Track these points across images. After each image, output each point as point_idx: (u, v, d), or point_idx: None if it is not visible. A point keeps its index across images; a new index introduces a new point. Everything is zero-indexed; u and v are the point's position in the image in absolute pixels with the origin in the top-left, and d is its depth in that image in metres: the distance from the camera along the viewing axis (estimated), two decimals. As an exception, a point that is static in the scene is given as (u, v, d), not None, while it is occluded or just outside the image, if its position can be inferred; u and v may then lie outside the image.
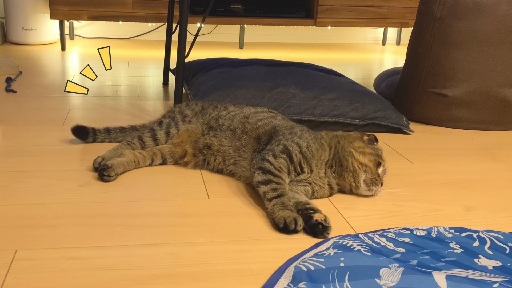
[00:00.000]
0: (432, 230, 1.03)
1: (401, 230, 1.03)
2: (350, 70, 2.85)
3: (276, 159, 1.14)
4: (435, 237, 1.01)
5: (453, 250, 0.96)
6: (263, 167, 1.13)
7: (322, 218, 1.02)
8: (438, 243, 0.98)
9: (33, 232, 0.97)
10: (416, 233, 1.02)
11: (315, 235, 1.01)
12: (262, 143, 1.23)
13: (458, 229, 1.04)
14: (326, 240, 0.99)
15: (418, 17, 1.87)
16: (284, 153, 1.15)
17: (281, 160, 1.14)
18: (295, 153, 1.16)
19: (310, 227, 1.01)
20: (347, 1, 3.11)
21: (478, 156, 1.54)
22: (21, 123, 1.61)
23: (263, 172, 1.12)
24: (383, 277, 0.83)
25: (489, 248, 0.96)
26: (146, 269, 0.87)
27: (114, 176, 1.22)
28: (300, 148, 1.17)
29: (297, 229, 1.01)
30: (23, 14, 2.99)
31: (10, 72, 2.26)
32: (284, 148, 1.17)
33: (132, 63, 2.74)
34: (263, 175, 1.12)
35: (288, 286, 0.82)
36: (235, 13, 3.07)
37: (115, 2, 2.88)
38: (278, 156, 1.15)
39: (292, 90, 1.71)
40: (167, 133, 1.35)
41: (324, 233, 1.00)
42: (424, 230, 1.03)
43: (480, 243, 0.98)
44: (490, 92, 1.77)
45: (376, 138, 1.25)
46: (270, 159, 1.14)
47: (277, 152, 1.16)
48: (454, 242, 0.99)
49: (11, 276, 0.83)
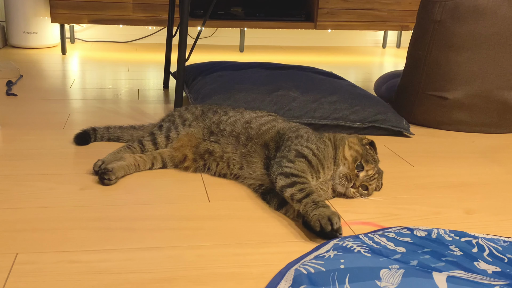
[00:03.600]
0: (433, 231, 1.03)
1: (402, 230, 1.03)
2: (350, 73, 2.85)
3: (294, 163, 1.14)
4: (435, 239, 1.01)
5: (453, 252, 0.96)
6: (284, 171, 1.12)
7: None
8: (438, 244, 0.99)
9: (33, 235, 0.97)
10: (417, 233, 1.02)
11: (328, 238, 1.00)
12: (272, 150, 1.23)
13: (458, 233, 1.04)
14: (326, 242, 0.98)
15: (418, 20, 1.87)
16: (299, 156, 1.15)
17: (299, 163, 1.14)
18: (310, 156, 1.16)
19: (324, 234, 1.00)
20: (347, 4, 3.12)
21: (478, 159, 1.54)
22: (21, 127, 1.61)
23: (285, 176, 1.11)
24: (384, 279, 0.83)
25: (487, 255, 0.96)
26: (147, 272, 0.87)
27: (114, 180, 1.22)
28: (312, 151, 1.18)
29: (334, 228, 0.98)
30: (23, 18, 3.00)
31: (10, 75, 2.26)
32: (297, 153, 1.17)
33: (132, 66, 2.74)
34: (286, 179, 1.10)
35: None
36: (236, 16, 3.07)
37: (116, 5, 2.89)
38: (294, 161, 1.14)
39: (293, 93, 1.71)
40: (167, 137, 1.36)
41: (337, 234, 1.00)
42: (424, 231, 1.03)
43: (479, 249, 0.98)
44: (491, 95, 1.77)
45: (373, 143, 1.24)
46: (288, 164, 1.13)
47: (292, 158, 1.15)
48: (453, 245, 0.99)
49: (12, 280, 0.83)
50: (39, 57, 2.86)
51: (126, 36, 3.49)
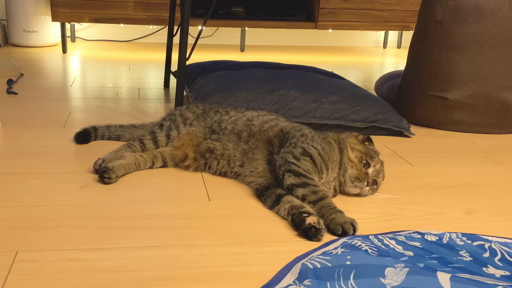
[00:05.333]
0: (444, 236, 1.02)
1: (412, 234, 1.02)
2: (351, 73, 2.85)
3: (299, 161, 1.15)
4: (445, 244, 0.99)
5: (462, 257, 0.95)
6: (292, 169, 1.13)
7: (315, 220, 1.01)
8: (448, 250, 0.97)
9: (33, 233, 0.97)
10: (427, 238, 1.01)
11: (309, 238, 1.00)
12: (276, 146, 1.24)
13: (470, 237, 1.02)
14: (336, 239, 0.99)
15: (419, 20, 1.87)
16: (305, 155, 1.17)
17: (305, 162, 1.15)
18: (315, 156, 1.17)
19: (303, 231, 1.01)
20: (348, 4, 3.11)
21: (479, 159, 1.54)
22: (22, 125, 1.61)
23: (295, 175, 1.12)
24: (388, 276, 0.83)
25: (499, 260, 0.95)
26: (147, 271, 0.87)
27: (114, 178, 1.22)
28: (318, 151, 1.18)
29: (355, 232, 1.03)
30: (24, 16, 3.00)
31: (11, 74, 2.26)
32: (303, 151, 1.18)
33: (133, 65, 2.74)
34: (296, 178, 1.12)
35: (293, 282, 0.83)
36: (236, 16, 3.07)
37: (117, 4, 2.89)
38: (300, 159, 1.15)
39: (293, 92, 1.71)
40: (168, 135, 1.36)
41: (318, 235, 1.00)
42: (435, 236, 1.01)
43: (490, 254, 0.96)
44: (491, 95, 1.77)
45: (370, 138, 1.27)
46: (294, 161, 1.15)
47: (297, 154, 1.16)
48: (464, 250, 0.97)
49: (12, 278, 0.83)
50: (39, 55, 2.86)
51: (127, 35, 3.49)
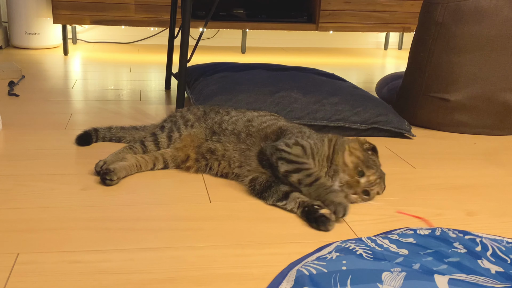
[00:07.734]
0: (436, 229, 1.04)
1: (404, 231, 1.03)
2: (352, 74, 2.85)
3: (291, 148, 1.16)
4: (439, 236, 1.00)
5: (457, 249, 0.96)
6: (283, 157, 1.14)
7: (328, 212, 1.06)
8: (442, 242, 0.98)
9: (35, 235, 0.97)
10: (420, 232, 1.02)
11: (318, 226, 1.04)
12: (271, 141, 1.24)
13: (461, 231, 1.04)
14: (329, 244, 0.98)
15: (420, 22, 1.87)
16: (297, 144, 1.18)
17: (296, 148, 1.16)
18: (307, 147, 1.18)
19: (315, 218, 1.05)
20: (349, 6, 3.12)
21: (480, 161, 1.54)
22: (23, 127, 1.62)
23: (287, 162, 1.14)
24: (385, 282, 0.82)
25: (491, 255, 0.96)
26: (148, 273, 0.87)
27: (116, 180, 1.22)
28: (310, 145, 1.19)
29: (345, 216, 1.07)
30: (26, 19, 3.00)
31: (12, 76, 2.26)
32: (295, 141, 1.19)
33: (134, 67, 2.74)
34: (288, 165, 1.13)
35: (290, 290, 0.82)
36: (237, 17, 3.07)
37: (118, 6, 2.89)
38: (291, 146, 1.16)
39: (294, 94, 1.71)
40: (169, 137, 1.36)
41: (327, 224, 1.04)
42: (427, 229, 1.03)
43: (482, 248, 0.98)
44: (492, 96, 1.77)
45: (375, 149, 1.23)
46: (284, 148, 1.16)
47: (289, 143, 1.18)
48: (458, 242, 0.99)
49: (13, 280, 0.83)
50: (41, 57, 2.86)
51: (128, 37, 3.49)
